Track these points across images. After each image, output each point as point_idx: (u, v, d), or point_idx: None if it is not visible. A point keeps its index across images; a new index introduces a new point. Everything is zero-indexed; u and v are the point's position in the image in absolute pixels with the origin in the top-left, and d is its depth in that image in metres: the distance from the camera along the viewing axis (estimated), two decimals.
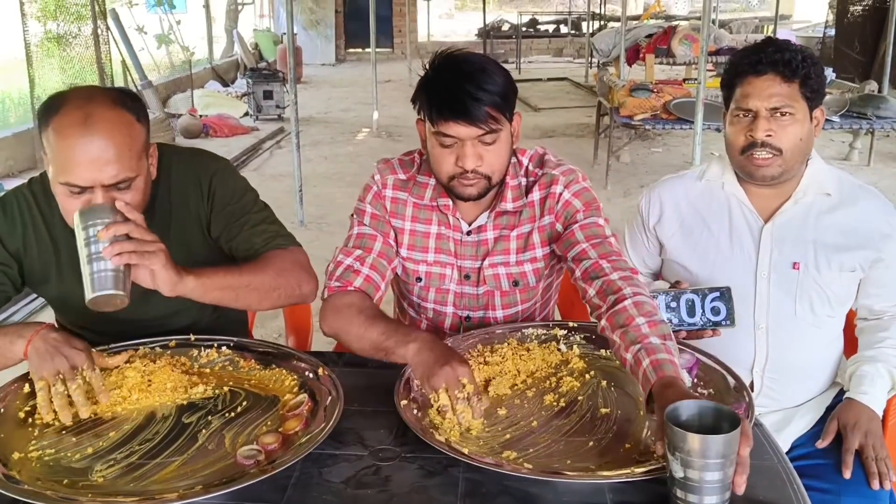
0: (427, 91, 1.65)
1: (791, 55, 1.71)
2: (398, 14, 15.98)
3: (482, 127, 1.61)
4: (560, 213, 1.76)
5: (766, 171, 1.76)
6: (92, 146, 1.51)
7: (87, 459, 1.35)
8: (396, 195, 1.83)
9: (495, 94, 1.60)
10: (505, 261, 1.81)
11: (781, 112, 1.72)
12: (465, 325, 1.87)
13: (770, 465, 1.34)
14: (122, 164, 1.54)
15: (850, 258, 1.79)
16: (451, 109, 1.60)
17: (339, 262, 1.75)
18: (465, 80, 1.60)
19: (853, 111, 6.04)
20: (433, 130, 1.65)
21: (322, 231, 5.52)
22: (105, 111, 1.54)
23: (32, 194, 1.74)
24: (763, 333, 1.83)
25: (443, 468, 1.32)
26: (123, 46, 8.89)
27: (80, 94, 1.57)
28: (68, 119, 1.52)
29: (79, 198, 1.54)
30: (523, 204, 1.79)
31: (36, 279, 1.77)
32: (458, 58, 1.66)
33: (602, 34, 10.52)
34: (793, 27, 16.04)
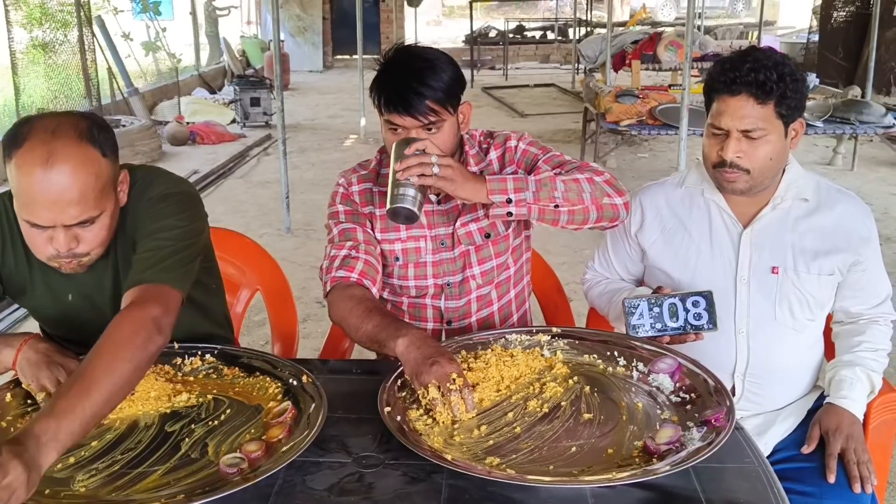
0: (377, 83, 1.76)
1: (766, 75, 1.67)
2: (385, 21, 16.00)
3: (422, 119, 1.72)
4: (520, 160, 1.90)
5: (735, 185, 1.77)
6: (53, 187, 1.46)
7: (68, 469, 1.34)
8: (363, 187, 1.94)
9: (438, 90, 1.72)
10: (475, 217, 1.89)
11: (752, 134, 1.71)
12: (447, 292, 1.94)
13: (751, 468, 1.35)
14: (85, 205, 1.50)
15: (828, 262, 1.81)
16: (394, 103, 1.72)
17: (333, 257, 1.83)
18: (410, 75, 1.71)
19: (837, 116, 6.10)
20: (383, 118, 1.77)
21: (309, 238, 5.51)
22: (69, 148, 1.47)
23: (4, 207, 1.69)
24: (744, 338, 1.84)
25: (426, 475, 1.33)
26: (109, 53, 8.86)
27: (44, 127, 1.48)
28: (30, 156, 1.46)
29: (42, 233, 1.51)
30: (484, 165, 1.91)
31: (13, 290, 1.76)
32: (408, 53, 1.77)
33: (588, 40, 10.56)
34: (777, 33, 16.16)
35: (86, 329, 1.68)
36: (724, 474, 1.34)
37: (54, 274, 1.66)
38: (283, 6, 14.49)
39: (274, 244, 5.01)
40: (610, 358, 1.69)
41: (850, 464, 1.68)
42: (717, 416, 1.41)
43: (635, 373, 1.63)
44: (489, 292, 1.97)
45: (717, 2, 21.52)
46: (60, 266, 1.58)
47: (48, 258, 1.57)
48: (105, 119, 1.62)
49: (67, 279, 1.68)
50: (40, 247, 1.55)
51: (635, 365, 1.65)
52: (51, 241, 1.53)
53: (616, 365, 1.67)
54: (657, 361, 1.62)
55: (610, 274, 2.07)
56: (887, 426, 1.83)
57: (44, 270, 1.68)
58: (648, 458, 1.34)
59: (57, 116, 1.53)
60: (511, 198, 1.65)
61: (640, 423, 1.46)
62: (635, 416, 1.49)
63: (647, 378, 1.60)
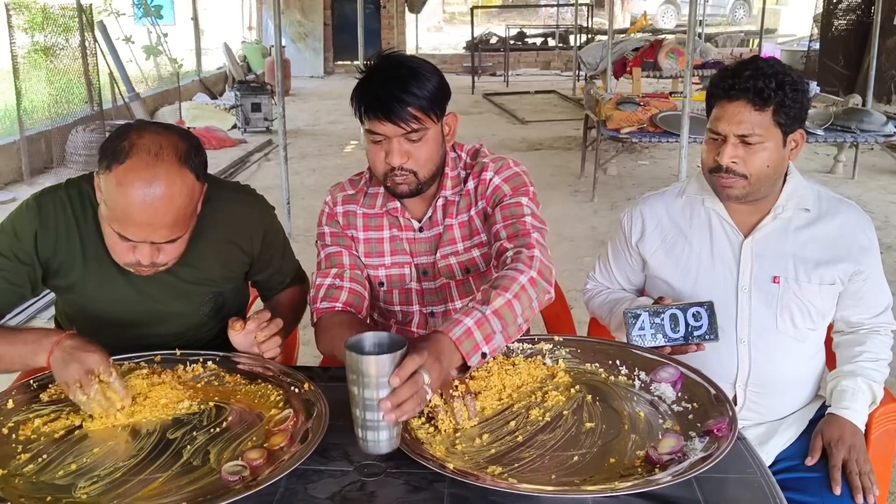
0: (359, 92, 1.72)
1: (765, 83, 1.69)
2: (387, 27, 16.04)
3: (404, 126, 1.68)
4: (490, 196, 1.83)
5: (731, 191, 1.78)
6: (151, 211, 1.53)
7: (70, 476, 1.34)
8: (346, 209, 1.90)
9: (420, 97, 1.67)
10: (454, 250, 1.86)
11: (749, 140, 1.72)
12: (432, 322, 1.93)
13: (753, 478, 1.35)
14: (178, 226, 1.59)
15: (829, 271, 1.81)
16: (375, 109, 1.68)
17: (319, 286, 1.81)
18: (391, 81, 1.67)
19: (837, 125, 6.10)
20: (365, 128, 1.73)
21: (310, 244, 5.47)
22: (171, 173, 1.53)
23: (69, 198, 1.74)
24: (745, 347, 1.84)
25: (428, 483, 1.33)
26: (111, 58, 8.88)
27: (147, 146, 1.52)
28: (133, 176, 1.51)
29: (126, 242, 1.58)
30: (461, 192, 1.86)
31: (60, 284, 1.78)
32: (390, 60, 1.73)
33: (589, 47, 10.58)
34: (778, 41, 16.19)
35: (127, 319, 1.79)
36: (727, 484, 1.33)
37: (109, 264, 1.72)
38: (284, 12, 14.52)
39: None
40: (612, 367, 1.69)
41: (853, 475, 1.68)
42: (720, 426, 1.41)
43: (637, 382, 1.63)
44: None
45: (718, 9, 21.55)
46: (136, 272, 1.67)
47: (125, 264, 1.65)
48: (198, 139, 1.67)
49: (122, 271, 1.73)
50: (121, 253, 1.63)
51: (637, 374, 1.64)
52: (133, 251, 1.60)
53: (618, 374, 1.67)
54: (659, 370, 1.62)
55: (611, 284, 2.07)
56: (889, 436, 1.83)
57: (100, 262, 1.74)
58: (650, 468, 1.34)
59: (157, 134, 1.57)
60: (485, 351, 1.45)
61: (643, 432, 1.46)
62: (637, 425, 1.48)
63: (650, 387, 1.60)
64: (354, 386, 1.29)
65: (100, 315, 1.80)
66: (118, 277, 1.76)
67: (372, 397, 1.28)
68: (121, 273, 1.74)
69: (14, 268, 1.70)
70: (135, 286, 1.78)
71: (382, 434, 1.30)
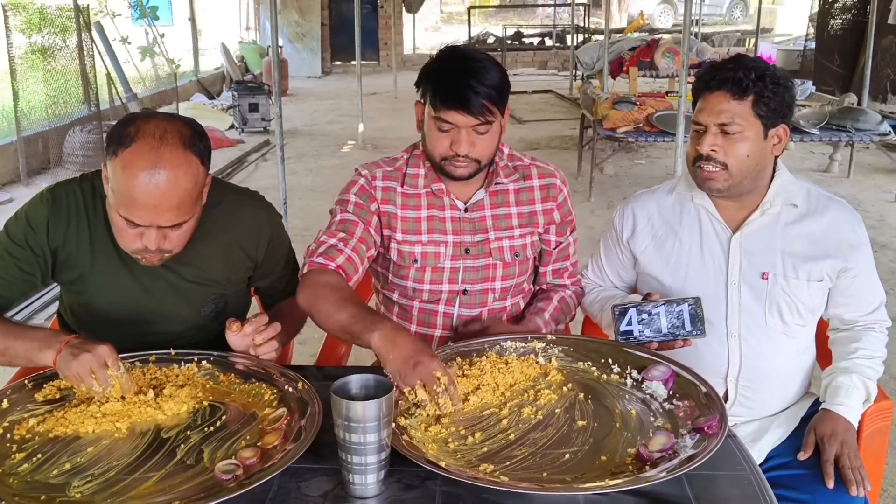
0: (433, 79, 1.80)
1: (744, 74, 1.74)
2: (384, 27, 16.04)
3: (478, 118, 1.76)
4: (561, 205, 2.01)
5: (713, 183, 1.80)
6: (157, 193, 1.55)
7: (64, 475, 1.35)
8: (386, 184, 1.94)
9: (493, 89, 1.76)
10: (509, 235, 1.96)
11: (728, 129, 1.75)
12: (462, 299, 1.96)
13: (743, 475, 1.36)
14: (181, 210, 1.61)
15: (817, 268, 1.82)
16: (452, 99, 1.75)
17: (321, 242, 1.84)
18: (468, 73, 1.75)
19: (833, 124, 6.11)
20: (433, 115, 1.79)
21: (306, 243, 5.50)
22: (175, 156, 1.56)
23: (82, 193, 1.76)
24: (736, 342, 1.86)
25: (420, 481, 1.33)
26: (108, 59, 8.88)
27: (152, 132, 1.56)
28: (138, 159, 1.54)
29: (134, 229, 1.61)
30: (521, 186, 1.98)
31: (67, 277, 1.80)
32: (463, 53, 1.82)
33: (586, 47, 10.60)
34: (774, 40, 16.19)
35: (129, 317, 1.80)
36: (717, 482, 1.35)
37: (116, 260, 1.76)
38: (281, 12, 14.52)
39: None
40: (604, 365, 1.70)
41: (846, 469, 1.69)
42: (710, 424, 1.42)
43: (629, 380, 1.64)
44: (503, 306, 2.00)
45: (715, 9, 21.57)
46: (142, 259, 1.69)
47: (133, 251, 1.67)
48: (202, 126, 1.69)
49: (128, 269, 1.76)
50: (129, 240, 1.65)
51: (629, 372, 1.65)
52: (140, 237, 1.63)
53: (610, 372, 1.68)
54: (651, 369, 1.63)
55: (603, 281, 2.08)
56: (881, 434, 1.84)
57: (107, 257, 1.76)
58: (641, 466, 1.35)
59: (162, 120, 1.61)
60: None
61: (634, 430, 1.47)
62: (629, 423, 1.49)
63: (641, 385, 1.61)
64: (340, 430, 1.28)
65: (102, 310, 1.81)
66: (123, 273, 1.77)
67: (360, 441, 1.27)
68: (126, 269, 1.76)
69: (27, 257, 1.73)
70: (139, 282, 1.79)
71: (370, 477, 1.30)
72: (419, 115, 1.88)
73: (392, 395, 1.31)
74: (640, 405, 1.56)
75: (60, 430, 1.48)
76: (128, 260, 1.74)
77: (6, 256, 1.73)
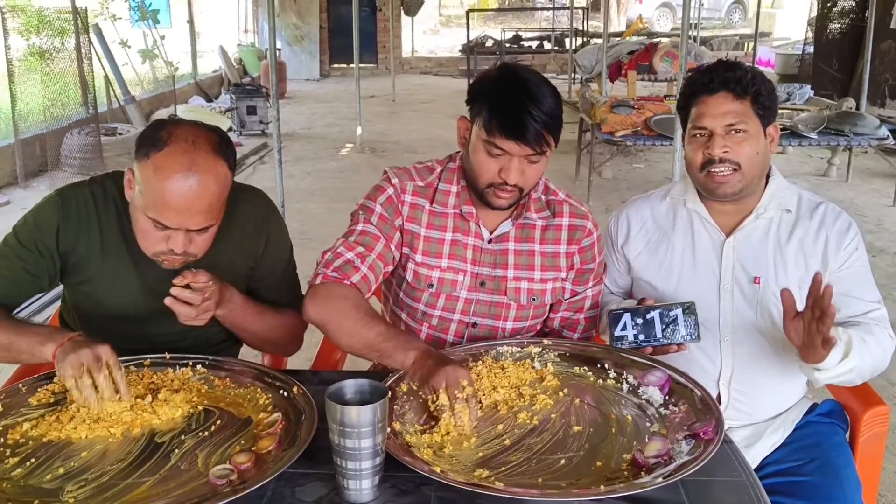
0: (488, 101, 1.70)
1: (742, 73, 1.77)
2: (382, 30, 16.05)
3: (535, 149, 1.68)
4: (584, 250, 1.90)
5: (727, 187, 1.79)
6: (189, 195, 1.56)
7: (58, 480, 1.34)
8: (415, 201, 1.85)
9: (551, 118, 1.68)
10: (529, 276, 1.87)
11: (736, 129, 1.76)
12: (471, 332, 1.90)
13: (739, 481, 1.36)
14: (210, 213, 1.62)
15: (808, 273, 1.81)
16: (511, 128, 1.66)
17: (338, 254, 1.77)
18: (528, 99, 1.66)
19: (831, 128, 6.11)
20: (484, 138, 1.70)
21: (304, 247, 5.49)
22: (207, 160, 1.58)
23: (92, 195, 1.76)
24: (728, 346, 1.86)
25: (415, 486, 1.33)
26: (107, 61, 8.87)
27: (185, 135, 1.59)
28: (172, 162, 1.55)
29: (161, 231, 1.61)
30: (549, 224, 1.89)
31: (76, 278, 1.79)
32: (523, 76, 1.71)
33: (585, 51, 10.60)
34: (773, 44, 16.22)
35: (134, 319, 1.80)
36: (712, 487, 1.34)
37: (126, 263, 1.76)
38: (279, 15, 14.53)
39: None
40: (600, 370, 1.70)
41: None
42: (706, 430, 1.42)
43: (625, 385, 1.64)
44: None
45: (714, 13, 21.60)
46: (164, 262, 1.68)
47: (155, 253, 1.67)
48: (227, 135, 1.70)
49: (137, 271, 1.77)
50: (153, 242, 1.65)
51: (625, 377, 1.65)
52: (167, 240, 1.63)
53: (606, 377, 1.68)
54: (647, 374, 1.63)
55: None
56: (877, 439, 1.84)
57: (118, 259, 1.77)
58: (637, 471, 1.35)
59: (193, 126, 1.64)
60: None
61: (630, 435, 1.47)
62: (624, 428, 1.49)
63: (637, 391, 1.61)
64: (335, 435, 1.28)
65: (109, 310, 1.81)
66: (133, 274, 1.78)
67: (354, 447, 1.27)
68: (136, 270, 1.77)
69: (34, 259, 1.73)
70: (146, 283, 1.78)
71: (365, 483, 1.29)
72: (463, 130, 1.79)
73: (386, 401, 1.31)
74: (636, 410, 1.55)
75: (54, 435, 1.47)
76: (139, 260, 1.75)
77: (14, 259, 1.74)
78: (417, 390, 1.55)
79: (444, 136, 9.29)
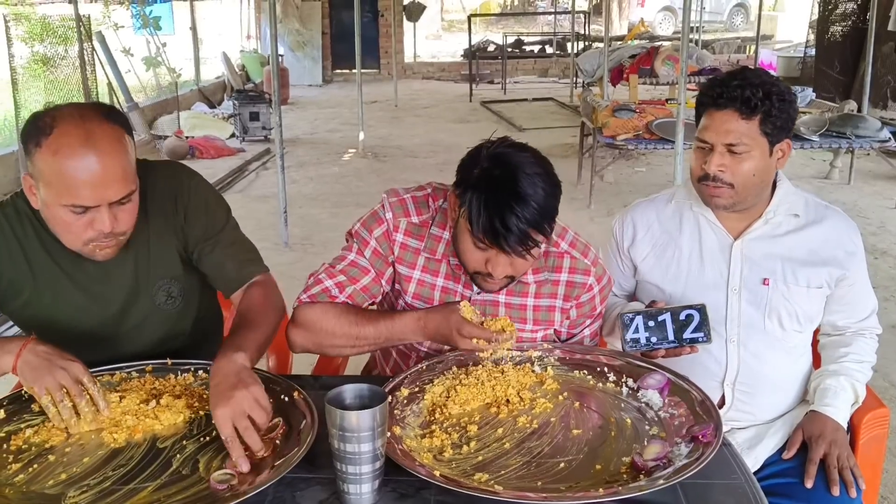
0: (475, 202, 1.56)
1: (752, 92, 1.71)
2: (385, 35, 16.08)
3: (520, 252, 1.58)
4: (581, 304, 1.83)
5: (718, 200, 1.80)
6: (97, 165, 1.50)
7: (60, 485, 1.35)
8: (407, 241, 1.78)
9: (544, 217, 1.56)
10: (520, 327, 1.80)
11: (736, 150, 1.74)
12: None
13: (738, 484, 1.36)
14: (125, 180, 1.56)
15: (816, 275, 1.83)
16: (494, 235, 1.55)
17: (319, 280, 1.77)
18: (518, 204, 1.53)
19: (833, 130, 6.12)
20: (469, 230, 1.59)
21: (306, 252, 5.52)
22: (103, 127, 1.53)
23: (5, 217, 1.71)
24: (734, 347, 1.86)
25: (415, 491, 1.34)
26: (110, 68, 8.90)
27: (70, 112, 1.53)
28: (67, 139, 1.49)
29: (83, 216, 1.55)
30: (545, 278, 1.80)
31: (14, 304, 1.77)
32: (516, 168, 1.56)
33: (586, 54, 10.60)
34: (775, 47, 16.23)
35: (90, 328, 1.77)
36: (711, 490, 1.35)
37: (59, 276, 1.72)
38: (282, 21, 14.56)
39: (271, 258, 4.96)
40: (600, 374, 1.70)
41: (832, 468, 1.69)
42: (705, 432, 1.42)
43: (625, 389, 1.64)
44: None
45: (716, 16, 21.61)
46: (97, 250, 1.62)
47: (85, 242, 1.60)
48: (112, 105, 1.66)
49: (72, 280, 1.73)
50: (79, 231, 1.58)
51: (625, 381, 1.66)
52: (91, 225, 1.57)
53: (606, 381, 1.68)
54: (646, 377, 1.63)
55: None
56: (877, 441, 1.85)
57: (49, 273, 1.72)
58: (636, 474, 1.35)
59: (71, 105, 1.58)
60: None
61: (629, 439, 1.47)
62: (624, 432, 1.49)
63: (637, 394, 1.61)
64: (335, 439, 1.29)
65: (62, 326, 1.76)
66: (68, 285, 1.74)
67: (354, 451, 1.28)
68: (69, 280, 1.73)
69: None
70: (86, 291, 1.75)
71: (365, 487, 1.30)
72: (452, 205, 1.66)
73: (386, 406, 1.31)
74: (636, 414, 1.56)
75: (56, 441, 1.48)
76: (69, 271, 1.72)
77: None
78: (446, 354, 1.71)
79: (445, 141, 9.30)
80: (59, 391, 1.49)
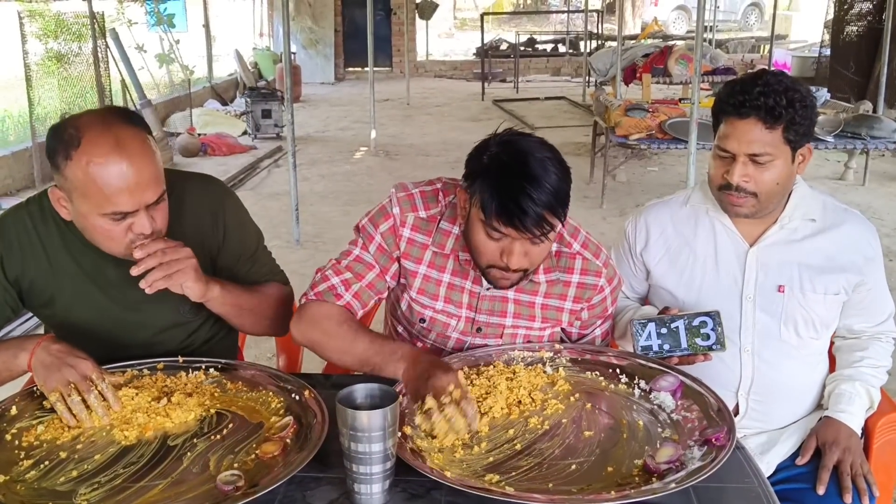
0: (487, 183, 1.54)
1: (776, 100, 1.65)
2: (397, 33, 16.07)
3: (536, 234, 1.55)
4: (593, 306, 1.81)
5: (740, 209, 1.77)
6: (130, 170, 1.51)
7: (71, 482, 1.35)
8: (414, 237, 1.76)
9: (558, 200, 1.53)
10: (529, 325, 1.80)
11: (760, 159, 1.70)
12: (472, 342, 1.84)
13: (751, 488, 1.35)
14: (158, 181, 1.58)
15: (834, 281, 1.80)
16: (510, 215, 1.52)
17: (325, 277, 1.75)
18: (531, 185, 1.51)
19: (848, 131, 6.07)
20: (483, 219, 1.56)
21: (318, 250, 5.53)
22: (128, 132, 1.54)
23: (29, 216, 1.73)
24: (749, 356, 1.84)
25: (426, 491, 1.33)
26: (123, 66, 8.94)
27: (92, 120, 1.53)
28: (99, 148, 1.50)
29: (122, 222, 1.56)
30: (556, 278, 1.77)
31: (35, 303, 1.78)
32: (526, 153, 1.55)
33: (599, 53, 10.57)
34: (789, 47, 16.12)
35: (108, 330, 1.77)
36: (724, 494, 1.34)
37: (80, 276, 1.73)
38: (294, 19, 14.58)
39: (283, 256, 4.98)
40: (612, 375, 1.69)
41: (844, 475, 1.68)
42: (718, 436, 1.41)
43: (637, 390, 1.63)
44: None
45: (730, 15, 21.49)
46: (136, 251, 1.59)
47: (127, 246, 1.59)
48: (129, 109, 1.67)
49: (93, 282, 1.74)
50: (120, 237, 1.59)
51: (637, 383, 1.65)
52: (130, 229, 1.57)
53: (618, 382, 1.67)
54: (659, 379, 1.62)
55: None
56: (891, 446, 1.83)
57: (71, 275, 1.73)
58: (648, 477, 1.34)
59: (90, 113, 1.59)
60: None
61: (641, 441, 1.46)
62: (636, 434, 1.49)
63: (649, 396, 1.60)
64: (346, 439, 1.28)
65: (82, 327, 1.77)
66: (91, 287, 1.74)
67: (365, 451, 1.27)
68: (93, 283, 1.74)
69: None
70: (108, 294, 1.75)
71: (375, 487, 1.30)
72: (462, 202, 1.64)
73: (397, 405, 1.31)
74: (648, 416, 1.55)
75: (67, 437, 1.48)
76: (93, 274, 1.73)
77: None
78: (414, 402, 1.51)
79: (457, 139, 9.28)
80: (67, 387, 1.50)
